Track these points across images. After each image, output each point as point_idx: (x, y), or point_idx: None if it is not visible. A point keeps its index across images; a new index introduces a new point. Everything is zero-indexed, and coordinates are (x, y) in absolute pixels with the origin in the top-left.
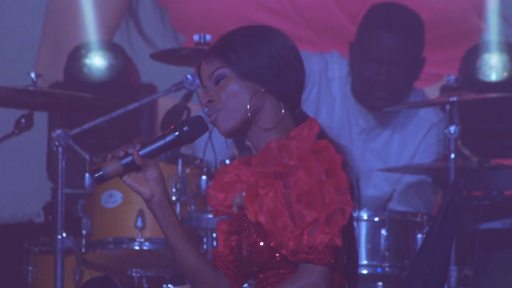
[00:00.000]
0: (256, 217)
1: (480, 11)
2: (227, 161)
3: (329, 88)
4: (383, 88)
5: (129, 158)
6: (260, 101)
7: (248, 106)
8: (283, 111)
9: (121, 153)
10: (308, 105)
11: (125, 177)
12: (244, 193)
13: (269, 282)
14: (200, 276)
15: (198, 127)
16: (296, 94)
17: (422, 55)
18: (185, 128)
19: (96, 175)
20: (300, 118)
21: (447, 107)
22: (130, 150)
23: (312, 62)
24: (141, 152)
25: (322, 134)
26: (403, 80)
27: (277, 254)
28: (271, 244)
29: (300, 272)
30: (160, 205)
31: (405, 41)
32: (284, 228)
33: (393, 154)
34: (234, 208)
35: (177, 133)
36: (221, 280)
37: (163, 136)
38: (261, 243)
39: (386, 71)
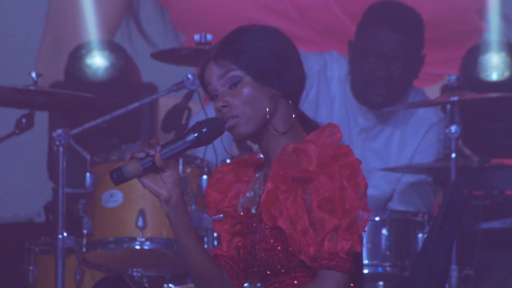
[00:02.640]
0: (275, 222)
1: (481, 11)
2: (228, 161)
3: (328, 87)
4: (382, 84)
5: (150, 160)
6: (275, 105)
7: (267, 110)
8: (293, 115)
9: (142, 154)
10: (307, 105)
11: (143, 179)
12: (248, 194)
13: (283, 285)
14: (207, 277)
15: (217, 128)
16: (300, 94)
17: (421, 53)
18: (204, 130)
19: (117, 176)
20: (302, 118)
21: (448, 106)
22: (152, 152)
23: (311, 62)
24: (162, 154)
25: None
26: (402, 77)
27: (295, 259)
28: (289, 249)
29: (320, 278)
30: (177, 207)
31: (404, 37)
32: (304, 234)
33: (393, 154)
34: (239, 209)
35: (196, 134)
36: (225, 281)
37: (182, 138)
38: (279, 247)
39: (386, 67)
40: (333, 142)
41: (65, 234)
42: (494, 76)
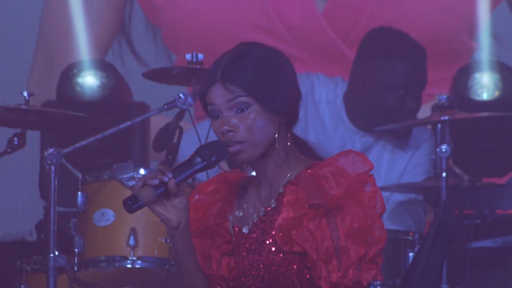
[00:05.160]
0: (292, 247)
1: (471, 31)
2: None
3: (316, 110)
4: (411, 116)
5: (162, 187)
6: (279, 132)
7: (275, 137)
8: (290, 142)
9: (156, 181)
10: (294, 127)
11: (154, 206)
12: (237, 213)
13: None
14: None
15: (222, 155)
16: (297, 118)
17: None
18: (213, 159)
19: (133, 203)
20: (295, 139)
21: (439, 126)
22: (166, 179)
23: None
24: (175, 180)
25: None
26: (419, 107)
27: (309, 283)
28: (304, 273)
29: None
30: (184, 232)
31: (418, 68)
32: (327, 261)
33: (383, 173)
34: (231, 229)
35: (205, 163)
36: None
37: (190, 164)
38: (293, 271)
39: (413, 99)
40: (365, 172)
41: (56, 253)
42: (485, 96)
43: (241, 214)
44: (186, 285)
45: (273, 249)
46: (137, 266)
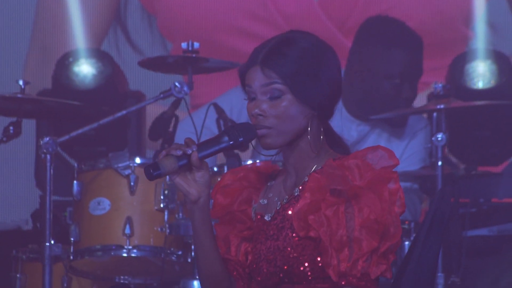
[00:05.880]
0: (308, 231)
1: (467, 19)
2: (215, 169)
3: None
4: (408, 104)
5: (185, 159)
6: (310, 124)
7: (308, 129)
8: (321, 137)
9: (179, 152)
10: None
11: (175, 176)
12: (261, 201)
13: None
14: (217, 279)
15: (250, 136)
16: (334, 110)
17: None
18: (241, 139)
19: (154, 170)
20: (327, 132)
21: (435, 114)
22: (189, 151)
23: None
24: (198, 154)
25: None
26: (415, 95)
27: (320, 270)
28: (318, 259)
29: None
30: (203, 208)
31: (415, 57)
32: (339, 250)
33: None
34: (253, 215)
35: (232, 142)
36: (232, 286)
37: (217, 142)
38: (306, 257)
39: (410, 88)
40: (390, 166)
41: (52, 241)
42: (480, 84)
43: (265, 202)
44: (201, 264)
45: (290, 234)
46: (132, 255)
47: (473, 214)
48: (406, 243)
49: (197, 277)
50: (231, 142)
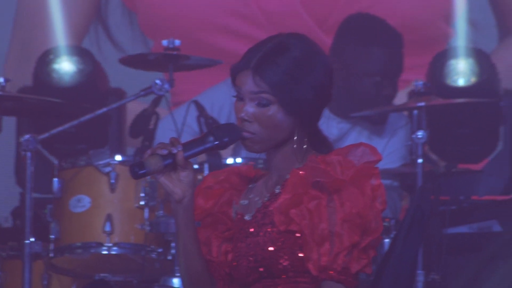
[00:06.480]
0: (289, 225)
1: (447, 17)
2: (196, 166)
3: None
4: (388, 102)
5: (171, 158)
6: (294, 134)
7: (294, 139)
8: (305, 146)
9: (164, 151)
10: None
11: (159, 176)
12: (242, 202)
13: None
14: (200, 280)
15: (235, 137)
16: (321, 115)
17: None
18: (226, 140)
19: (139, 169)
20: (315, 136)
21: (415, 112)
22: (175, 151)
23: None
24: (184, 154)
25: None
26: (395, 93)
27: (300, 264)
28: (299, 254)
29: None
30: (187, 208)
31: (395, 55)
32: (319, 244)
33: None
34: (233, 214)
35: (217, 142)
36: (214, 286)
37: (202, 141)
38: (286, 250)
39: (390, 86)
40: (372, 162)
41: (32, 239)
42: (461, 82)
43: (246, 202)
44: (184, 265)
45: (269, 229)
46: (113, 252)
47: (453, 212)
48: (387, 240)
49: (179, 275)
50: (216, 142)
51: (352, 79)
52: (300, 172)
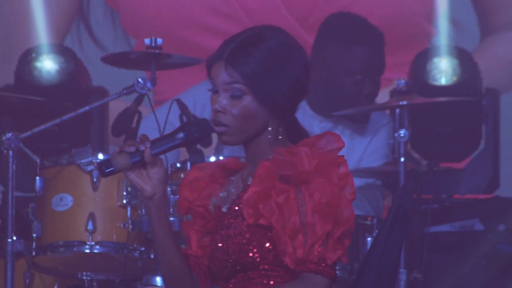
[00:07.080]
0: (258, 219)
1: (429, 16)
2: (178, 165)
3: None
4: (369, 101)
5: (139, 155)
6: (269, 125)
7: (268, 129)
8: (280, 137)
9: (132, 149)
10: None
11: (129, 173)
12: (221, 194)
13: (252, 282)
14: (178, 275)
15: (206, 133)
16: (298, 107)
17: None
18: (196, 135)
19: (106, 167)
20: (293, 128)
21: (397, 111)
22: (142, 148)
23: None
24: (152, 151)
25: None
26: (377, 91)
27: (269, 257)
28: (266, 246)
29: (304, 281)
30: (159, 204)
31: (377, 53)
32: (292, 237)
33: None
34: (211, 207)
35: (187, 139)
36: (194, 281)
37: (171, 138)
38: (254, 243)
39: (371, 84)
40: (334, 149)
41: (14, 238)
42: (443, 81)
43: (225, 194)
44: (161, 261)
45: (240, 221)
46: (95, 251)
47: (435, 210)
48: (369, 239)
49: (160, 273)
50: (185, 139)
51: (333, 78)
52: (266, 164)
